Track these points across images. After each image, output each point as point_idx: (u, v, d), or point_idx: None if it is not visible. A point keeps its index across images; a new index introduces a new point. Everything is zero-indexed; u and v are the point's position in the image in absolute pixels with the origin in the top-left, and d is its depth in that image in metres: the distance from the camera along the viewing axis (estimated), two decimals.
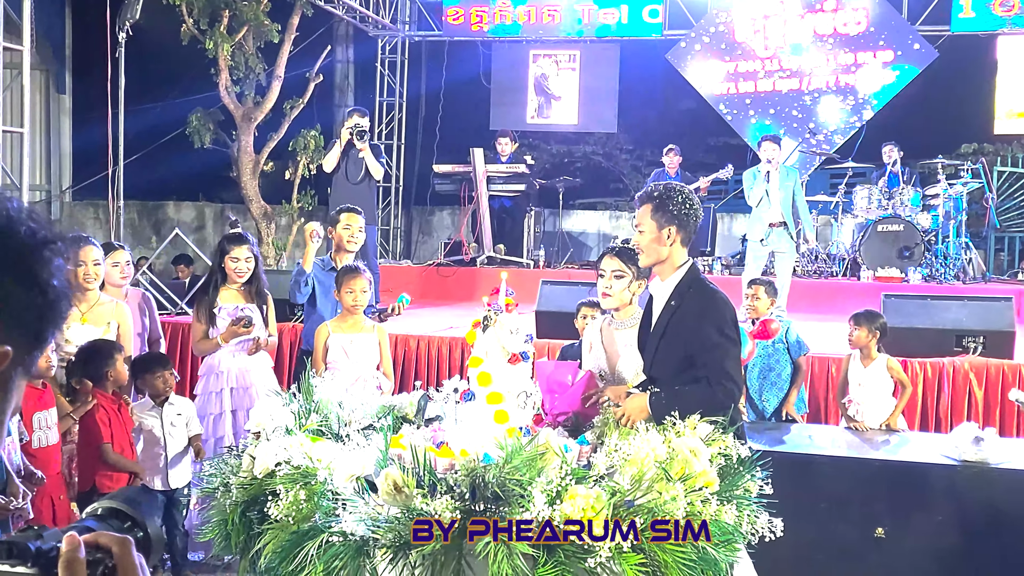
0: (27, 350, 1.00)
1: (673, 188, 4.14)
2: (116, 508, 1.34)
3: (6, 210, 0.98)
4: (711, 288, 4.10)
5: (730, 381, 3.90)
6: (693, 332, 3.96)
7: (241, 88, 12.27)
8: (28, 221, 0.99)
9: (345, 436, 3.56)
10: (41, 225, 1.00)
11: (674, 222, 4.06)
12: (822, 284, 10.83)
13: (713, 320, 3.97)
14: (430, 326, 8.40)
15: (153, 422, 5.31)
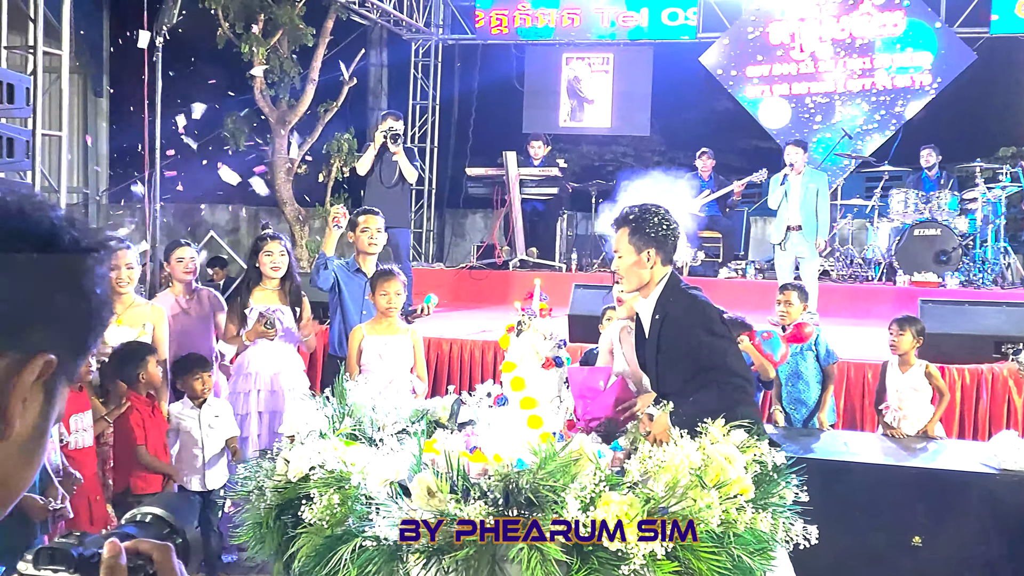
0: (71, 358, 1.00)
1: (649, 210, 4.09)
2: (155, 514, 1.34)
3: (50, 219, 0.98)
4: (691, 293, 4.06)
5: (736, 376, 3.89)
6: (684, 340, 3.93)
7: (276, 91, 12.35)
8: (71, 229, 0.99)
9: (379, 440, 3.57)
10: (84, 233, 1.00)
11: (652, 244, 4.02)
12: (857, 289, 10.74)
13: (699, 322, 3.94)
14: (462, 329, 8.41)
15: (191, 423, 5.35)
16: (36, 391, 0.98)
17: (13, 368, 0.95)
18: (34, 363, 0.96)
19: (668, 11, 13.78)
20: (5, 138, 6.76)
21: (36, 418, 0.99)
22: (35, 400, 0.99)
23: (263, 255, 5.87)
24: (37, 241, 0.96)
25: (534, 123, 14.39)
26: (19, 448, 0.98)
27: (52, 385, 1.00)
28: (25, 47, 7.90)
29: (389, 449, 3.45)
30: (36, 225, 0.97)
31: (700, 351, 3.90)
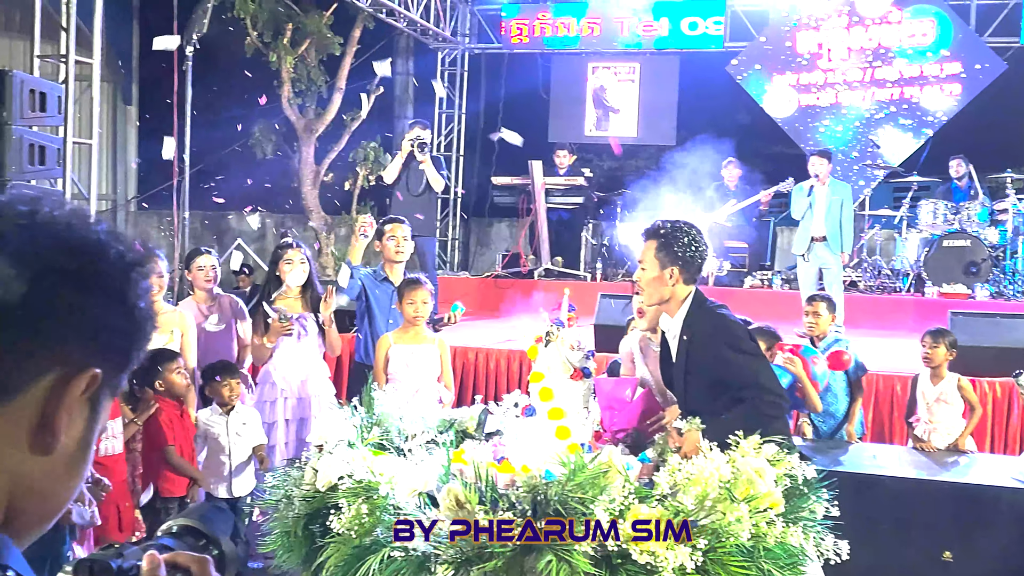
0: (115, 372, 1.01)
1: (680, 228, 4.05)
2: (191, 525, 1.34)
3: (96, 233, 0.99)
4: (717, 312, 4.02)
5: (770, 393, 3.85)
6: (713, 359, 3.90)
7: (303, 100, 12.42)
8: (116, 244, 1.00)
9: (407, 450, 3.57)
10: (128, 247, 1.01)
11: (677, 263, 3.99)
12: (885, 300, 10.65)
13: (727, 342, 3.90)
14: (488, 338, 8.41)
15: (219, 430, 5.37)
16: (82, 405, 0.98)
17: (60, 383, 0.95)
18: (81, 378, 0.96)
19: (688, 20, 13.75)
20: (37, 146, 6.80)
21: (81, 432, 1.00)
22: (81, 414, 0.99)
23: (283, 263, 5.89)
24: (84, 256, 0.96)
25: (560, 132, 14.39)
26: (64, 462, 0.98)
27: (97, 399, 1.00)
28: (57, 56, 7.97)
29: (418, 459, 3.45)
30: (83, 240, 0.97)
31: (730, 370, 3.86)
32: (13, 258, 0.92)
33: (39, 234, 0.95)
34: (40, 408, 0.95)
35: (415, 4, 13.23)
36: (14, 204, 0.97)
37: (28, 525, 0.98)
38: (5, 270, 0.91)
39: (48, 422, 0.95)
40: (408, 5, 13.02)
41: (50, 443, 0.95)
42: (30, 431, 0.95)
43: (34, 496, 0.97)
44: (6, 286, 0.91)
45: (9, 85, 6.51)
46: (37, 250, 0.94)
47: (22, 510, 0.96)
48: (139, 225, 15.50)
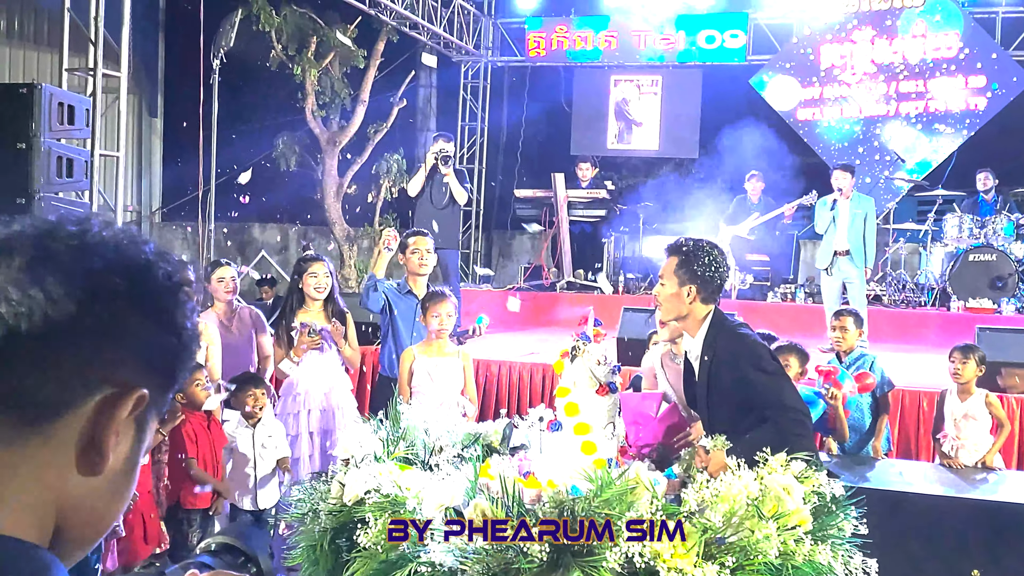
0: (161, 392, 1.01)
1: (701, 247, 4.05)
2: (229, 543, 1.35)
3: (144, 254, 0.99)
4: (738, 332, 4.00)
5: (794, 412, 3.83)
6: (736, 380, 3.88)
7: (327, 113, 12.49)
8: (164, 264, 1.00)
9: (434, 465, 3.56)
10: (176, 267, 1.01)
11: (696, 281, 3.98)
12: (910, 314, 10.58)
13: (750, 361, 3.87)
14: (510, 351, 8.40)
15: (244, 441, 5.39)
16: (128, 426, 0.99)
17: (108, 404, 0.95)
18: (129, 398, 0.96)
19: (710, 33, 13.75)
20: (65, 158, 6.87)
21: (128, 452, 1.00)
22: (127, 435, 0.99)
23: (308, 276, 5.89)
24: (133, 276, 0.97)
25: (582, 145, 14.41)
26: (111, 482, 0.99)
27: (143, 419, 1.01)
28: (85, 69, 8.05)
29: (444, 474, 3.44)
30: (132, 260, 0.98)
31: (753, 390, 3.84)
32: (64, 278, 0.92)
33: (89, 254, 0.95)
34: (88, 428, 0.95)
35: (439, 17, 13.29)
36: (65, 225, 0.97)
37: (75, 544, 0.98)
38: (56, 290, 0.92)
39: (96, 442, 0.95)
40: (432, 18, 13.09)
41: (98, 463, 0.96)
42: (78, 451, 0.95)
43: (82, 516, 0.97)
44: (57, 306, 0.91)
45: (38, 98, 6.58)
46: (87, 270, 0.94)
47: (70, 529, 0.96)
48: (163, 237, 15.61)
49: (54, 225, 0.97)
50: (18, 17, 13.54)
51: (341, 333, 5.86)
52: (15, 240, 0.95)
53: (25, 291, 0.91)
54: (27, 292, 0.91)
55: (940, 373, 6.38)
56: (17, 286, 0.91)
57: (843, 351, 6.20)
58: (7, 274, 0.92)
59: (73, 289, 0.93)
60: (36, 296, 0.91)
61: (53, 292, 0.92)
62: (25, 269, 0.92)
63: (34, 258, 0.93)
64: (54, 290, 0.92)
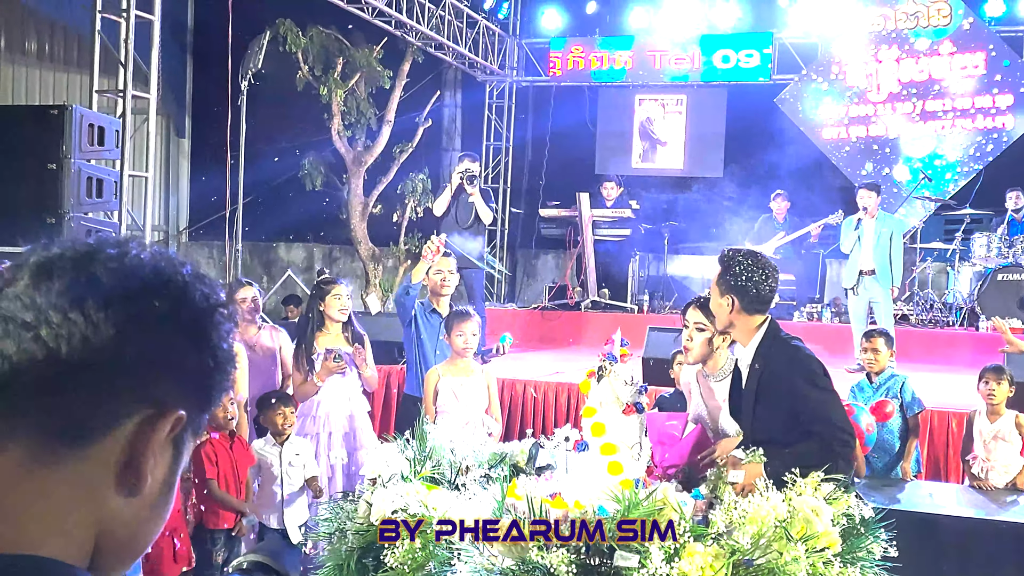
0: (198, 411, 1.02)
1: (735, 258, 4.08)
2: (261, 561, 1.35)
3: (182, 275, 1.00)
4: (792, 344, 4.02)
5: (842, 431, 3.81)
6: (788, 392, 3.88)
7: (352, 132, 12.56)
8: (201, 286, 1.01)
9: (461, 485, 3.57)
10: (212, 289, 1.02)
11: (732, 292, 4.02)
12: (938, 334, 10.50)
13: (803, 375, 3.88)
14: (535, 371, 8.40)
15: (272, 460, 5.40)
16: (166, 447, 0.99)
17: (147, 426, 0.96)
18: (166, 420, 0.97)
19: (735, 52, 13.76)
20: (95, 179, 6.94)
21: (165, 473, 1.00)
22: (165, 456, 1.00)
23: (331, 298, 5.89)
24: (171, 298, 0.98)
25: (607, 164, 14.43)
26: (149, 503, 0.99)
27: (181, 440, 1.01)
28: (115, 90, 8.14)
29: (471, 493, 3.45)
30: (170, 282, 0.99)
31: (803, 403, 3.84)
32: (104, 301, 0.94)
33: (129, 277, 0.96)
34: (126, 450, 0.95)
35: (464, 38, 13.37)
36: (104, 247, 0.98)
37: (114, 564, 0.98)
38: (96, 313, 0.92)
39: (135, 464, 0.96)
40: (457, 39, 13.16)
41: (136, 485, 0.96)
42: (117, 472, 0.95)
43: (120, 536, 0.98)
44: (97, 329, 0.92)
45: (69, 119, 6.66)
46: (127, 293, 0.95)
47: (108, 551, 0.97)
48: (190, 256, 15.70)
49: (94, 248, 0.98)
50: (49, 40, 13.71)
51: (363, 357, 5.87)
52: (56, 263, 0.96)
53: (65, 314, 0.92)
54: (67, 315, 0.92)
55: (969, 394, 6.32)
56: (57, 309, 0.92)
57: (874, 372, 6.15)
58: (47, 297, 0.93)
59: (113, 312, 0.93)
60: (76, 319, 0.92)
61: (93, 315, 0.92)
62: (65, 292, 0.93)
63: (74, 281, 0.94)
64: (94, 313, 0.92)
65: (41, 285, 0.94)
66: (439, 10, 12.56)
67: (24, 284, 0.94)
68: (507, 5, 14.76)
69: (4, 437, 0.92)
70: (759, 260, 4.11)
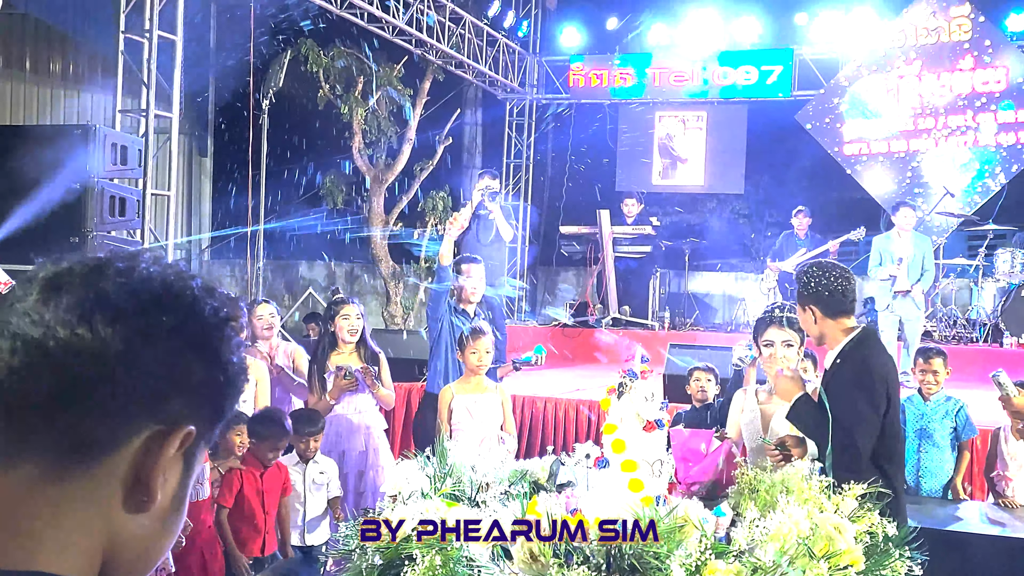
0: (209, 426, 1.01)
1: (807, 267, 4.21)
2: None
3: (191, 289, 1.00)
4: (881, 354, 4.08)
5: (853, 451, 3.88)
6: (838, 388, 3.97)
7: (373, 151, 12.63)
8: (211, 299, 1.00)
9: (481, 501, 3.56)
10: (222, 302, 1.01)
11: (810, 302, 4.12)
12: (962, 350, 10.40)
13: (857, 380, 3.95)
14: (556, 387, 8.38)
15: (296, 478, 5.39)
16: (176, 462, 0.99)
17: (156, 442, 0.95)
18: (175, 436, 0.96)
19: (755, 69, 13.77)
20: (118, 198, 7.01)
21: (175, 488, 1.00)
22: (175, 471, 0.99)
23: (340, 319, 5.89)
24: (180, 313, 0.97)
25: (627, 181, 14.43)
26: (159, 519, 0.98)
27: (191, 454, 1.00)
28: (138, 110, 8.23)
29: (491, 510, 3.44)
30: (179, 297, 0.98)
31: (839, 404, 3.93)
32: (113, 317, 0.93)
33: (137, 292, 0.96)
34: (135, 466, 0.95)
35: (484, 56, 13.43)
36: (114, 262, 0.98)
37: None
38: (104, 329, 0.92)
39: (143, 481, 0.95)
40: (477, 57, 13.22)
41: (146, 502, 0.96)
42: (125, 490, 0.95)
43: (129, 553, 0.97)
44: (105, 344, 0.92)
45: (93, 139, 6.74)
46: (135, 308, 0.95)
47: (117, 567, 0.96)
48: (212, 274, 15.79)
49: (103, 262, 0.97)
50: (73, 60, 13.87)
51: (374, 375, 5.86)
52: (64, 278, 0.95)
53: (73, 330, 0.92)
54: (75, 331, 0.92)
55: (994, 411, 6.25)
56: (65, 325, 0.92)
57: (932, 394, 5.99)
58: (55, 313, 0.92)
59: (121, 327, 0.93)
60: (84, 335, 0.92)
61: (101, 331, 0.92)
62: (74, 308, 0.93)
63: (83, 296, 0.94)
64: (102, 329, 0.92)
65: (50, 301, 0.93)
66: (459, 29, 12.64)
67: (33, 300, 0.94)
68: (527, 23, 14.82)
69: (14, 455, 0.92)
70: (827, 265, 4.21)
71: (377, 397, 5.93)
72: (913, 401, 6.02)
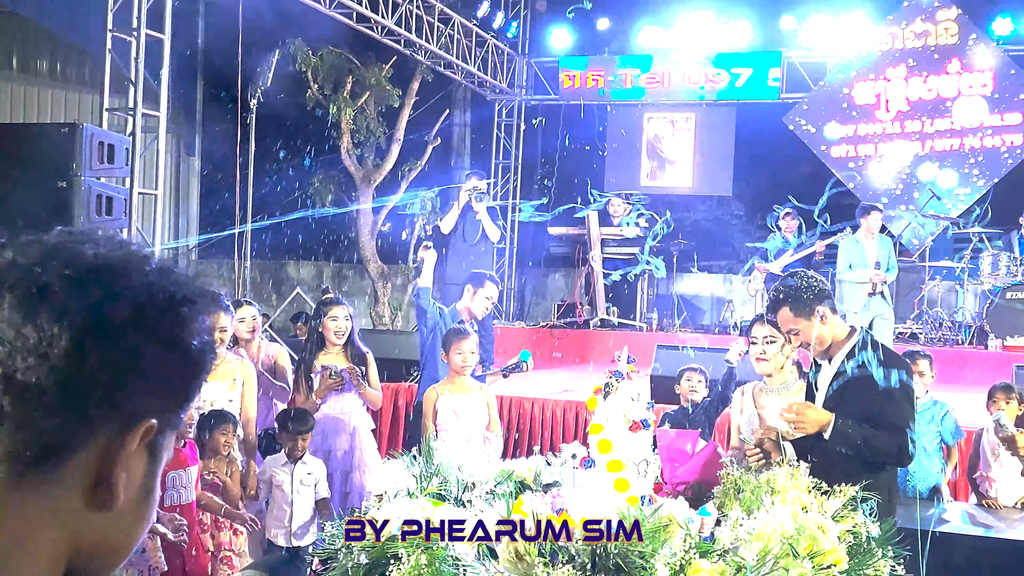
0: (173, 412, 0.96)
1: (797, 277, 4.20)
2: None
3: (145, 275, 0.94)
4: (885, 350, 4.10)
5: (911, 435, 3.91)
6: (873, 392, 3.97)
7: (362, 151, 12.63)
8: (165, 281, 0.95)
9: (467, 501, 3.57)
10: (179, 284, 0.96)
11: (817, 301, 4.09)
12: (946, 353, 10.44)
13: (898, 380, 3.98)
14: (544, 388, 8.39)
15: (283, 478, 5.38)
16: (139, 455, 0.94)
17: (115, 440, 0.91)
18: (136, 431, 0.92)
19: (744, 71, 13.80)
20: (104, 197, 6.99)
21: (142, 480, 0.96)
22: (139, 464, 0.95)
23: (328, 320, 5.91)
24: (133, 303, 0.91)
25: (615, 182, 14.44)
26: (127, 514, 0.95)
27: (156, 444, 0.96)
28: (125, 109, 8.20)
29: (477, 510, 3.45)
30: (131, 285, 0.93)
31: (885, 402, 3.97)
32: (59, 312, 0.87)
33: (84, 283, 0.90)
34: (97, 466, 0.91)
35: (473, 57, 13.43)
36: (60, 250, 0.92)
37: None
38: (51, 326, 0.86)
39: (106, 480, 0.91)
40: (466, 58, 13.23)
41: (109, 501, 0.92)
42: (88, 490, 0.91)
43: (96, 551, 0.94)
44: (52, 344, 0.86)
45: (79, 138, 6.71)
46: (82, 302, 0.88)
47: (85, 566, 0.93)
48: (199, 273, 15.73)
49: (48, 252, 0.91)
50: (61, 59, 13.83)
51: (360, 375, 5.87)
52: (7, 273, 0.90)
53: (18, 329, 0.86)
54: (20, 331, 0.86)
55: (977, 412, 6.29)
56: (11, 325, 0.86)
57: (918, 397, 5.96)
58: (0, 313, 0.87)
59: (69, 323, 0.87)
60: (30, 334, 0.86)
61: (48, 328, 0.86)
62: (18, 306, 0.87)
63: (27, 292, 0.88)
64: (49, 326, 0.86)
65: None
66: (448, 29, 12.64)
67: None
68: (516, 24, 14.82)
69: None
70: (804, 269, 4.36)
71: (364, 397, 5.94)
72: None
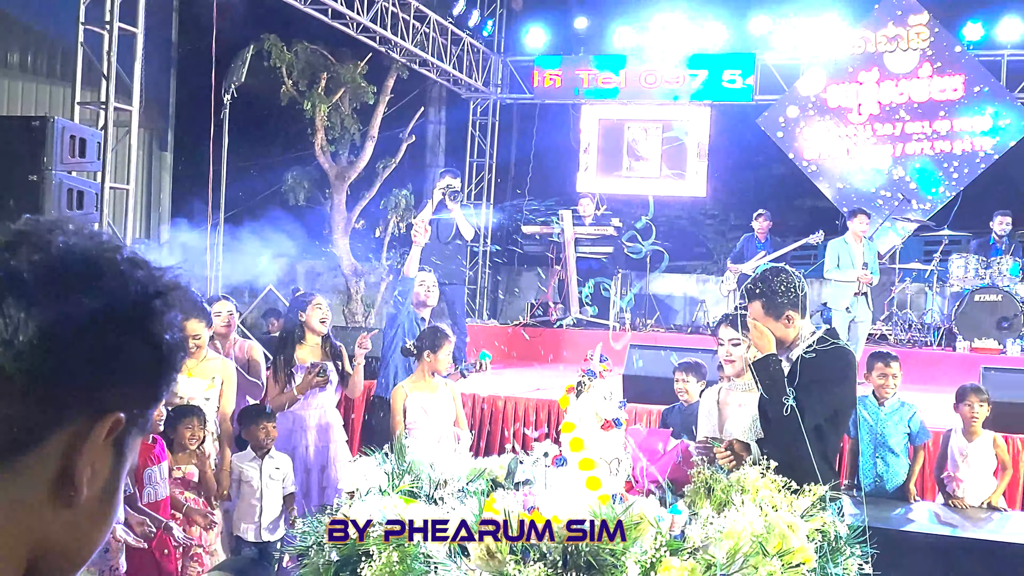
0: (142, 407, 0.93)
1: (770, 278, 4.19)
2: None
3: (116, 264, 0.91)
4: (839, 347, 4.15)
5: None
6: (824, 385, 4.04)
7: (336, 148, 12.59)
8: (137, 272, 0.92)
9: (439, 499, 3.57)
10: (151, 276, 0.93)
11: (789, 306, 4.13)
12: (915, 354, 10.56)
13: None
14: (516, 387, 8.40)
15: (252, 473, 5.37)
16: (105, 451, 0.91)
17: (81, 433, 0.88)
18: (102, 425, 0.89)
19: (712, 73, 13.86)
20: (75, 191, 6.93)
21: (107, 477, 0.93)
22: (104, 460, 0.92)
23: (312, 308, 5.92)
24: (103, 293, 0.88)
25: (589, 182, 14.47)
26: (90, 511, 0.92)
27: (122, 441, 0.93)
28: (97, 103, 8.13)
29: (449, 508, 3.45)
30: (101, 274, 0.90)
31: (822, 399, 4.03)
32: (26, 300, 0.84)
33: (53, 270, 0.87)
34: (61, 460, 0.87)
35: (448, 55, 13.42)
36: (28, 236, 0.89)
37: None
38: (17, 314, 0.84)
39: (70, 475, 0.88)
40: (441, 56, 13.21)
41: (73, 497, 0.89)
42: (51, 485, 0.88)
43: (59, 548, 0.91)
44: (18, 331, 0.83)
45: (50, 131, 6.65)
46: (51, 290, 0.86)
47: (47, 564, 0.90)
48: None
49: (16, 238, 0.88)
50: (32, 51, 13.69)
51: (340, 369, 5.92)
52: None
53: None
54: None
55: (945, 413, 6.36)
56: None
57: (887, 398, 5.99)
58: None
59: (38, 311, 0.84)
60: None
61: (13, 316, 0.83)
62: None
63: None
64: (14, 314, 0.84)
65: None
66: (424, 27, 12.62)
67: None
68: (491, 23, 14.83)
69: None
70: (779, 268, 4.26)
71: (352, 383, 5.96)
72: (867, 405, 5.96)
